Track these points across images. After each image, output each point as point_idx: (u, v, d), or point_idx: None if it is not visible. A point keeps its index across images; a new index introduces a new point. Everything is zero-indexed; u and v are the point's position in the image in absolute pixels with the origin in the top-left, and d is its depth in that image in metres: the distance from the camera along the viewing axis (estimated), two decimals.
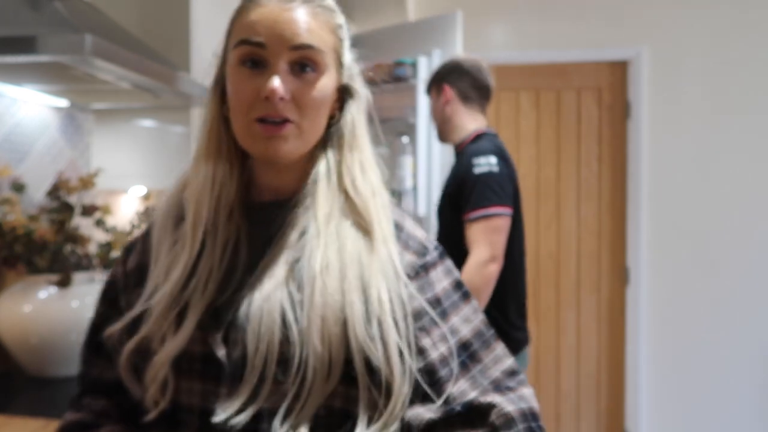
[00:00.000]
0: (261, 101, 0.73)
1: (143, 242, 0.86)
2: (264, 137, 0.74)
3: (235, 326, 0.73)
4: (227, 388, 0.71)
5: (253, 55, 0.75)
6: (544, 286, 3.25)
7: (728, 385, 3.05)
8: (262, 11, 0.75)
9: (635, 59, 3.11)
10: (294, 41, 0.74)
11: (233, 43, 0.76)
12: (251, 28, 0.74)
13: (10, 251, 1.50)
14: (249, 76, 0.75)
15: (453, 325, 0.77)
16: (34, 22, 1.34)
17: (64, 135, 1.93)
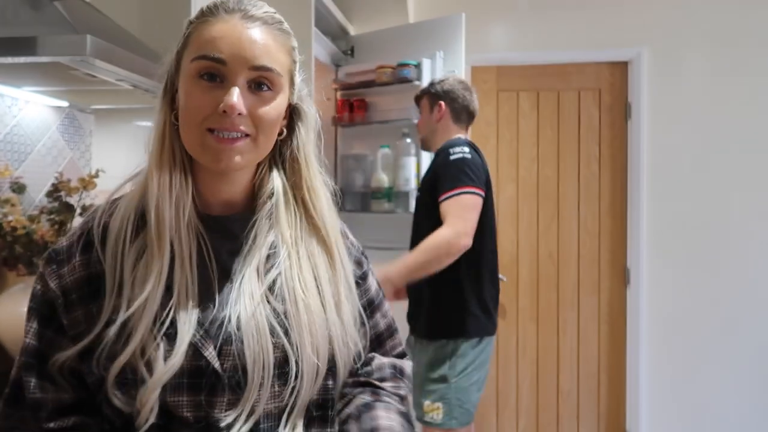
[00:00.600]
0: (217, 114, 0.76)
1: (85, 252, 0.80)
2: (217, 149, 0.77)
3: (226, 341, 0.76)
4: (227, 397, 0.75)
5: (212, 70, 0.77)
6: (544, 287, 3.25)
7: (728, 385, 3.05)
8: (223, 27, 0.77)
9: (635, 60, 3.11)
10: (255, 62, 0.77)
11: (192, 56, 0.77)
12: (213, 43, 0.76)
13: (11, 252, 1.50)
14: (206, 89, 0.77)
15: (375, 321, 0.95)
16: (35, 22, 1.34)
17: (64, 135, 1.93)
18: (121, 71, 1.40)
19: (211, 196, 0.85)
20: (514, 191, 3.26)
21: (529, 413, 3.26)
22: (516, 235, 3.26)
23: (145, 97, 1.71)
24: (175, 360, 0.73)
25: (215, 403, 0.75)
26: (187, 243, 0.79)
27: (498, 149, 3.28)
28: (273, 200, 0.85)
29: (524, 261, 3.26)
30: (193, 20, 0.81)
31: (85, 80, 1.47)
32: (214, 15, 0.78)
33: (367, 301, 0.94)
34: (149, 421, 0.73)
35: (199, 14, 0.80)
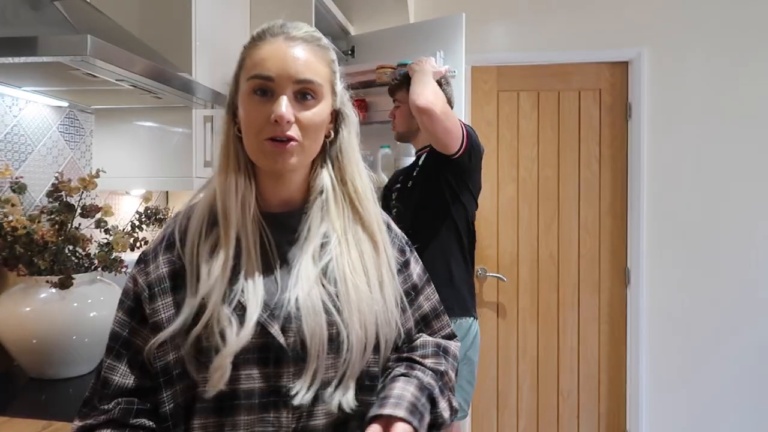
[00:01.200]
0: (270, 124, 0.89)
1: (167, 251, 0.95)
2: (273, 152, 0.90)
3: (288, 319, 0.89)
4: (292, 369, 0.88)
5: (263, 86, 0.90)
6: (544, 287, 3.25)
7: (729, 385, 3.05)
8: (270, 48, 0.91)
9: (636, 60, 3.11)
10: (298, 76, 0.90)
11: (246, 77, 0.92)
12: (262, 64, 0.91)
13: (11, 252, 1.50)
14: (259, 103, 0.91)
15: (419, 303, 1.06)
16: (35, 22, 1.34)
17: (64, 135, 1.93)
18: (122, 71, 1.40)
19: (272, 196, 0.98)
20: (514, 191, 3.26)
21: (529, 413, 3.26)
22: (516, 235, 3.26)
23: (145, 97, 1.71)
24: (246, 332, 0.85)
25: (282, 374, 0.87)
26: (252, 236, 0.92)
27: (498, 149, 3.28)
28: (323, 196, 0.98)
29: (524, 261, 3.26)
30: (246, 46, 0.95)
31: (86, 80, 1.47)
32: (262, 39, 0.93)
33: (411, 285, 1.04)
34: (218, 386, 0.84)
35: (250, 40, 0.95)
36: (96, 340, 1.57)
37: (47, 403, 1.41)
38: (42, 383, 1.52)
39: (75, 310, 1.52)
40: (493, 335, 3.29)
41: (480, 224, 3.25)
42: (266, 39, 0.92)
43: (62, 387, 1.50)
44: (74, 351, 1.53)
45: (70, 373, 1.56)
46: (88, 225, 1.66)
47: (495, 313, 3.29)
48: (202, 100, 1.83)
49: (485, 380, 3.29)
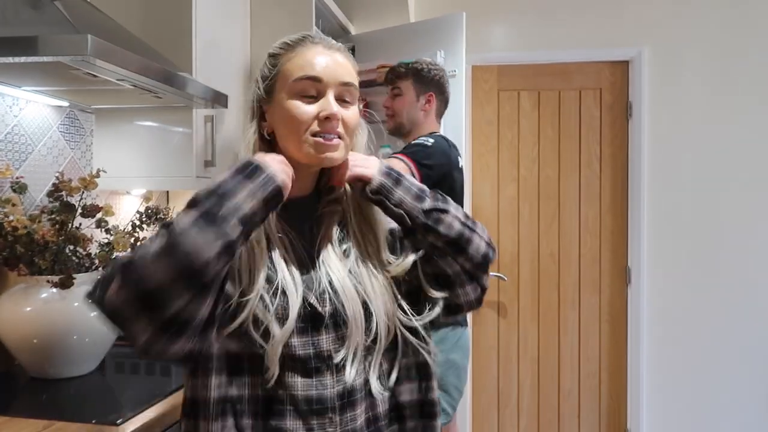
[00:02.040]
0: (320, 121, 0.96)
1: None
2: (322, 147, 0.96)
3: (323, 291, 0.96)
4: (332, 334, 0.95)
5: (311, 87, 0.97)
6: (545, 286, 3.25)
7: (729, 384, 3.05)
8: (313, 52, 0.98)
9: (636, 59, 3.11)
10: (342, 79, 0.98)
11: (291, 78, 0.97)
12: (310, 66, 0.97)
13: (11, 252, 1.50)
14: (305, 104, 0.96)
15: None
16: (36, 22, 1.34)
17: (65, 135, 1.93)
18: (122, 71, 1.39)
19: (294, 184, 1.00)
20: (515, 190, 3.26)
21: (530, 412, 3.26)
22: (517, 235, 3.26)
23: (145, 96, 1.71)
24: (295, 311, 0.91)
25: (322, 341, 0.94)
26: (275, 225, 0.98)
27: (499, 149, 3.27)
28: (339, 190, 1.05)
29: (525, 260, 3.26)
30: (278, 52, 1.01)
31: (86, 80, 1.47)
32: (302, 44, 0.99)
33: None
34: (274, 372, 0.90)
35: (284, 46, 1.01)
36: (97, 340, 1.57)
37: (48, 402, 1.41)
38: (43, 383, 1.52)
39: (76, 310, 1.52)
40: (493, 334, 3.29)
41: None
42: (306, 45, 0.99)
43: (63, 387, 1.50)
44: (75, 351, 1.53)
45: (71, 372, 1.56)
46: (89, 225, 1.66)
47: (495, 313, 3.29)
48: (202, 100, 1.83)
49: (486, 380, 3.29)
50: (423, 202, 0.99)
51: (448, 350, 2.04)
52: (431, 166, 1.98)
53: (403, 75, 2.20)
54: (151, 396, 1.39)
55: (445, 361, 2.03)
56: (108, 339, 1.61)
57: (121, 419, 1.24)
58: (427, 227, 0.98)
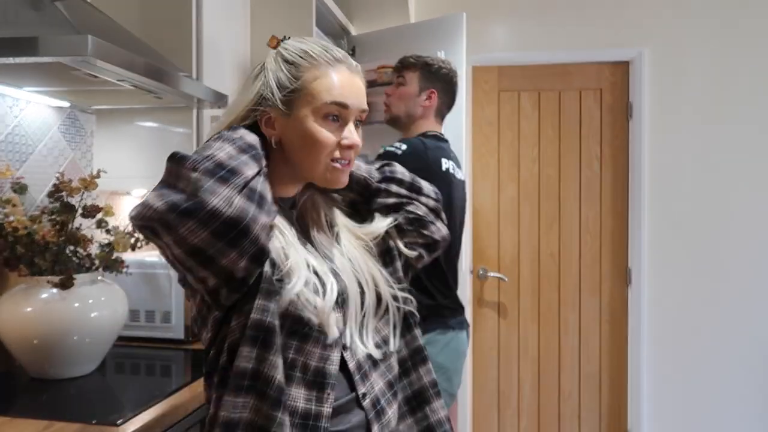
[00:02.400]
0: (340, 148, 0.99)
1: None
2: (340, 173, 1.01)
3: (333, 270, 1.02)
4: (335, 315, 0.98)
5: (337, 113, 0.99)
6: (545, 287, 3.25)
7: (730, 386, 3.05)
8: (343, 77, 1.00)
9: (637, 60, 3.11)
10: (363, 106, 1.02)
11: (320, 101, 0.97)
12: (340, 92, 0.98)
13: (12, 252, 1.50)
14: (331, 128, 0.99)
15: None
16: (36, 23, 1.34)
17: (65, 136, 1.93)
18: (123, 71, 1.39)
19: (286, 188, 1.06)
20: (515, 191, 3.26)
21: (530, 413, 3.26)
22: (517, 235, 3.26)
23: (146, 97, 1.71)
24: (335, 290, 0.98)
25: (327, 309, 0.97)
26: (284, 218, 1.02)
27: (499, 149, 3.27)
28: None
29: (525, 261, 3.26)
30: (299, 62, 0.99)
31: (87, 80, 1.47)
32: (328, 62, 0.99)
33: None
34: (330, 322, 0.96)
35: (306, 57, 0.99)
36: (97, 340, 1.57)
37: (48, 403, 1.41)
38: (43, 383, 1.52)
39: (76, 311, 1.52)
40: (494, 335, 3.29)
41: (481, 224, 3.25)
42: (333, 65, 1.00)
43: (63, 387, 1.50)
44: (75, 351, 1.53)
45: (72, 373, 1.56)
46: (89, 225, 1.66)
47: (496, 313, 3.28)
48: (203, 101, 1.83)
49: (486, 380, 3.29)
50: (372, 164, 1.15)
51: (436, 353, 1.97)
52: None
53: (411, 66, 2.13)
54: (151, 396, 1.39)
55: (433, 364, 1.97)
56: (108, 339, 1.62)
57: (121, 419, 1.24)
58: (388, 179, 1.13)
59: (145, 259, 1.92)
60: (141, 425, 1.24)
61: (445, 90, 2.11)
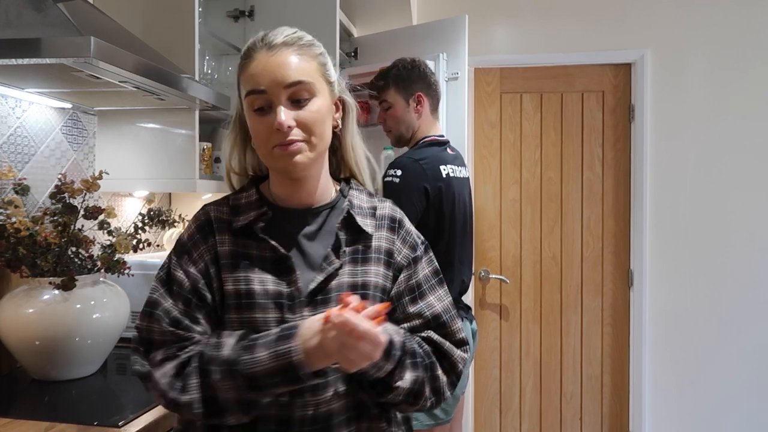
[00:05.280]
0: (274, 133, 0.97)
1: None
2: (281, 156, 0.98)
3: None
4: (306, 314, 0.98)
5: (260, 100, 0.97)
6: (547, 289, 3.24)
7: (731, 387, 3.04)
8: (256, 64, 0.98)
9: (639, 62, 3.11)
10: (286, 81, 0.97)
11: (244, 94, 1.00)
12: (253, 80, 0.98)
13: (14, 253, 1.50)
14: (261, 118, 0.98)
15: (429, 302, 1.06)
16: (38, 24, 1.34)
17: (67, 137, 1.93)
18: (125, 73, 1.40)
19: (290, 196, 1.06)
20: (517, 193, 3.26)
21: (532, 415, 3.26)
22: (519, 237, 3.26)
23: (148, 98, 1.71)
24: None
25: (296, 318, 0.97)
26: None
27: (501, 151, 3.27)
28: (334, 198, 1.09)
29: (527, 263, 3.25)
30: (238, 66, 1.02)
31: (89, 82, 1.48)
32: (248, 57, 0.99)
33: (415, 284, 1.07)
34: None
35: (241, 55, 1.01)
36: (99, 342, 1.57)
37: (50, 404, 1.41)
38: (45, 385, 1.52)
39: (78, 312, 1.52)
40: (495, 337, 3.28)
41: (483, 226, 3.25)
42: (251, 56, 0.99)
43: (65, 388, 1.50)
44: (77, 352, 1.53)
45: (73, 374, 1.56)
46: (91, 227, 1.66)
47: (498, 315, 3.28)
48: (204, 102, 1.83)
49: (488, 382, 3.28)
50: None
51: None
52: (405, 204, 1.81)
53: (384, 86, 2.11)
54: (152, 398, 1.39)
55: None
56: (110, 341, 1.62)
57: (122, 421, 1.24)
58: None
59: (146, 261, 1.92)
60: (142, 427, 1.24)
61: (425, 85, 2.08)
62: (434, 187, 1.94)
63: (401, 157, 2.00)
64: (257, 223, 1.02)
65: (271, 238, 1.01)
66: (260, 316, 0.98)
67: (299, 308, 0.98)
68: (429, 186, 1.93)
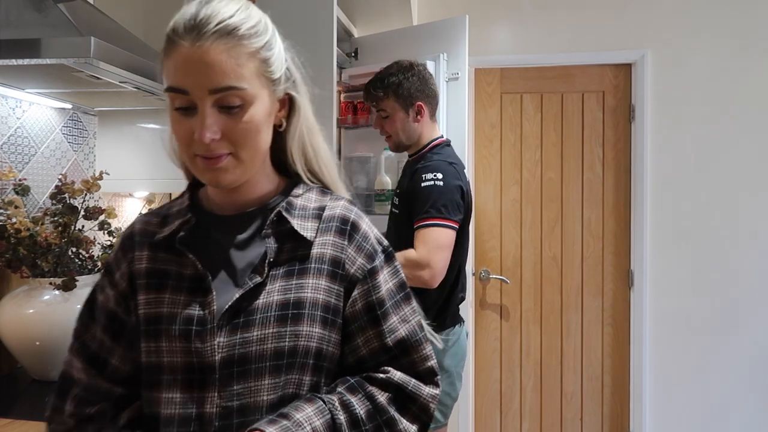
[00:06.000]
0: (197, 141, 0.79)
1: None
2: (205, 170, 0.82)
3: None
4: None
5: (181, 101, 0.80)
6: (547, 289, 3.24)
7: (732, 388, 3.04)
8: (179, 56, 0.78)
9: (639, 62, 3.11)
10: (213, 86, 0.78)
11: (164, 85, 0.81)
12: (173, 75, 0.79)
13: (14, 254, 1.50)
14: (182, 119, 0.81)
15: (392, 325, 0.89)
16: (39, 24, 1.34)
17: (68, 137, 1.93)
18: (125, 73, 1.40)
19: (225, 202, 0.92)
20: (517, 193, 3.26)
21: (532, 415, 3.26)
22: (519, 238, 3.25)
23: (148, 99, 1.71)
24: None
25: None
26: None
27: (501, 151, 3.27)
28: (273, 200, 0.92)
29: (528, 263, 3.25)
30: (162, 48, 0.82)
31: (89, 82, 1.48)
32: (171, 42, 0.80)
33: (376, 301, 0.88)
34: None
35: (165, 38, 0.82)
36: None
37: None
38: (45, 385, 1.52)
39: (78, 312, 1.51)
40: (496, 337, 3.28)
41: (483, 226, 3.25)
42: (175, 42, 0.79)
43: None
44: None
45: None
46: (92, 227, 1.66)
47: (498, 315, 3.28)
48: None
49: (488, 382, 3.28)
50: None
51: (440, 354, 1.96)
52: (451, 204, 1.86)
53: (382, 97, 2.03)
54: None
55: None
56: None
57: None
58: None
59: None
60: None
61: (424, 93, 2.02)
62: (466, 188, 1.95)
63: (434, 161, 1.95)
64: (178, 234, 0.88)
65: (194, 251, 0.86)
66: (166, 345, 0.82)
67: (210, 335, 0.81)
68: (463, 186, 1.93)
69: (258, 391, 0.81)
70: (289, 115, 0.91)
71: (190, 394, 0.81)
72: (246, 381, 0.81)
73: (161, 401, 0.82)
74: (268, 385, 0.81)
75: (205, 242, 0.88)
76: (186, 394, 0.81)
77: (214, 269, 0.86)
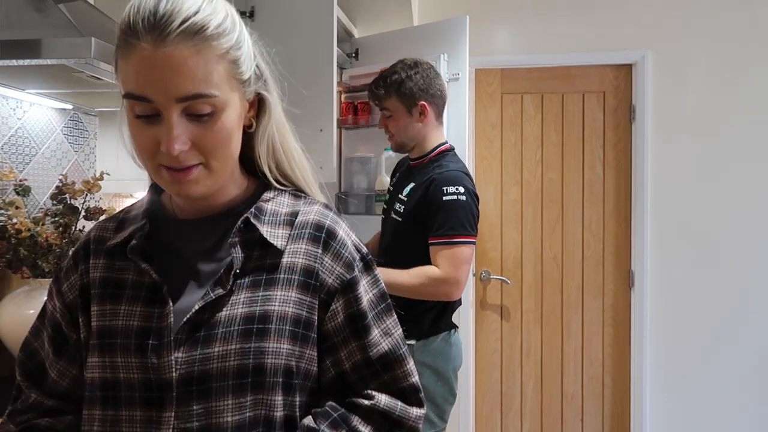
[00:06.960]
0: (163, 152, 0.72)
1: None
2: (173, 181, 0.75)
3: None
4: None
5: (144, 108, 0.72)
6: (548, 290, 3.24)
7: (733, 388, 3.03)
8: (139, 59, 0.69)
9: (640, 62, 3.11)
10: (179, 94, 0.70)
11: (122, 90, 0.73)
12: (133, 80, 0.70)
13: (15, 254, 1.50)
14: (145, 128, 0.73)
15: (373, 339, 0.84)
16: (39, 25, 1.34)
17: (68, 138, 1.93)
18: None
19: (189, 206, 0.86)
20: (518, 194, 3.26)
21: (533, 416, 3.26)
22: (520, 238, 3.25)
23: None
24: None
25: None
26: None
27: (502, 152, 3.27)
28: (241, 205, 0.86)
29: (528, 263, 3.25)
30: (117, 43, 0.73)
31: (90, 82, 1.48)
32: (127, 43, 0.70)
33: (356, 313, 0.83)
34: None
35: (118, 33, 0.72)
36: None
37: None
38: None
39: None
40: (496, 337, 3.28)
41: (484, 226, 3.25)
42: (132, 44, 0.70)
43: None
44: None
45: None
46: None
47: (499, 316, 3.28)
48: None
49: (488, 383, 3.28)
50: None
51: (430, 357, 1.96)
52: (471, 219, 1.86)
53: (385, 96, 1.98)
54: None
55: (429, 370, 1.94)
56: None
57: None
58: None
59: None
60: None
61: (429, 93, 1.97)
62: (477, 197, 1.95)
63: (451, 172, 1.90)
64: (131, 242, 0.82)
65: (151, 259, 0.80)
66: (122, 360, 0.77)
67: (167, 350, 0.75)
68: (478, 196, 1.94)
69: (220, 412, 0.74)
70: (258, 115, 0.84)
71: (150, 413, 0.75)
72: (207, 401, 0.75)
73: (121, 419, 0.77)
74: (232, 406, 0.75)
75: (166, 249, 0.83)
76: (145, 413, 0.76)
77: (173, 278, 0.80)
